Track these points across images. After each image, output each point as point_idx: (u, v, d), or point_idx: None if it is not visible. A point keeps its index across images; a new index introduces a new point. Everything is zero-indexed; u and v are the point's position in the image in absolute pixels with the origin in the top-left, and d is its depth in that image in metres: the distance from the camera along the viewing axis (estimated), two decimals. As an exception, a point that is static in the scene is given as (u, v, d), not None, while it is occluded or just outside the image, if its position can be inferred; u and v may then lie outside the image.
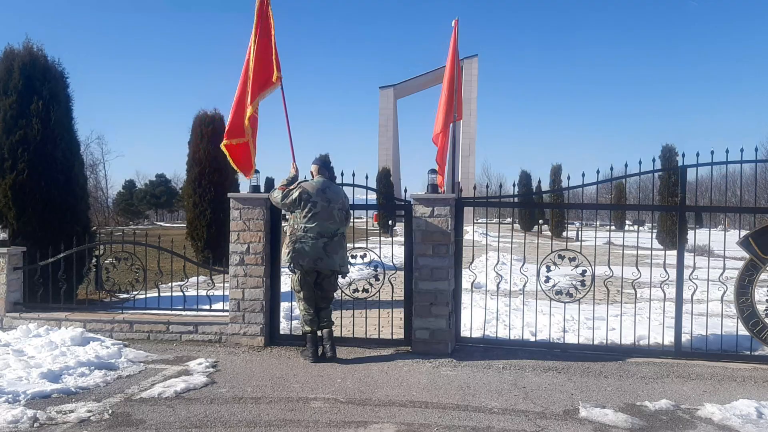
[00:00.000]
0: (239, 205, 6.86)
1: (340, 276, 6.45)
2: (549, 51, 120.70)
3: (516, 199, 7.29)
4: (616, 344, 6.69)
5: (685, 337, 6.57)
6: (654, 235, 25.97)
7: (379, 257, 7.33)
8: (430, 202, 6.49)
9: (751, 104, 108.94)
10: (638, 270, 6.58)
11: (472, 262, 6.73)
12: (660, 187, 23.58)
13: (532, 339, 6.80)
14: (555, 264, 6.54)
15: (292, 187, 6.24)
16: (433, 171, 6.62)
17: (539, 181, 6.93)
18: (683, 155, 6.46)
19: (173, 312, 7.32)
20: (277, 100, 7.07)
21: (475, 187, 6.98)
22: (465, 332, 7.03)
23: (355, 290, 7.00)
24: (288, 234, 6.24)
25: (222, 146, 7.04)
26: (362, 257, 7.14)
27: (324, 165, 6.47)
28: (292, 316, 7.62)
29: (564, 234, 35.43)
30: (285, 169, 7.34)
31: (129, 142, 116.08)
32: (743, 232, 6.43)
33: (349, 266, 6.51)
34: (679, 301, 6.37)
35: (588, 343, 6.67)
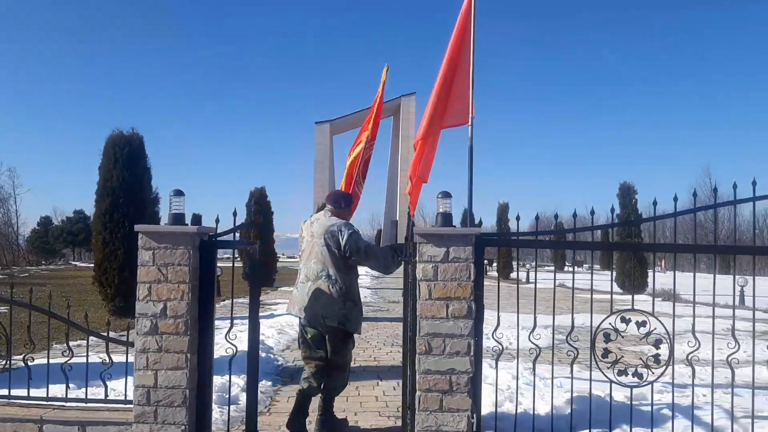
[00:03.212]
0: (152, 243, 4.57)
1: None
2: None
3: (547, 237, 5.28)
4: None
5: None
6: (613, 277, 24.70)
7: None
8: (443, 241, 4.38)
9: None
10: (735, 341, 4.60)
11: (497, 328, 4.56)
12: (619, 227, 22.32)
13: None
14: (617, 331, 4.54)
15: None
16: (446, 195, 4.52)
17: (574, 215, 4.88)
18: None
19: (49, 404, 4.90)
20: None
21: (479, 222, 4.91)
22: None
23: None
24: None
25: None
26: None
27: (329, 197, 5.51)
28: (230, 397, 5.31)
29: (512, 275, 34.00)
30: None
31: (43, 175, 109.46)
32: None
33: (354, 322, 5.17)
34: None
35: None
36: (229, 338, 4.65)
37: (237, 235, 4.77)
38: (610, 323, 4.57)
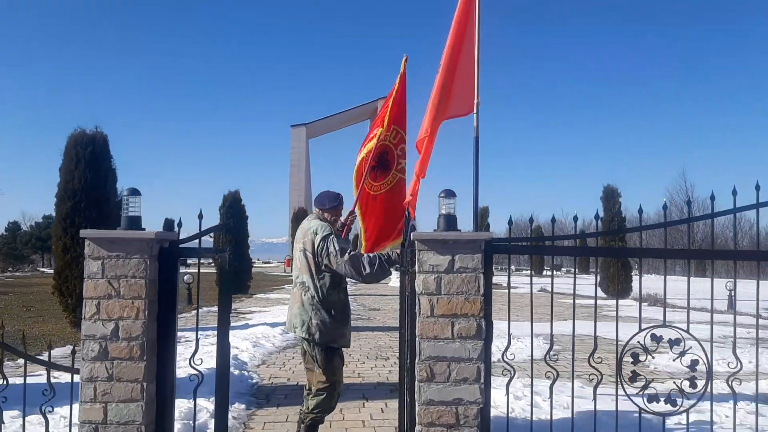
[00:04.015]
0: (102, 251, 3.84)
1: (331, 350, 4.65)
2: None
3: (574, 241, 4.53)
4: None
5: None
6: (597, 281, 24.25)
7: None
8: (447, 247, 3.71)
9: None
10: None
11: (507, 348, 3.90)
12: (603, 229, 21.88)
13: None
14: (646, 350, 3.93)
15: None
16: (449, 193, 3.85)
17: (597, 217, 4.25)
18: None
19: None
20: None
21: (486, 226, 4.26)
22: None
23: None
24: None
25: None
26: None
27: (316, 198, 5.06)
28: (195, 425, 4.56)
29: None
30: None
31: (11, 180, 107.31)
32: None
33: (325, 334, 4.58)
34: None
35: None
36: (194, 363, 3.93)
37: (210, 239, 4.07)
38: (638, 341, 3.94)
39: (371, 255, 4.57)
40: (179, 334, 10.75)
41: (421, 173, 5.19)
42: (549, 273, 42.40)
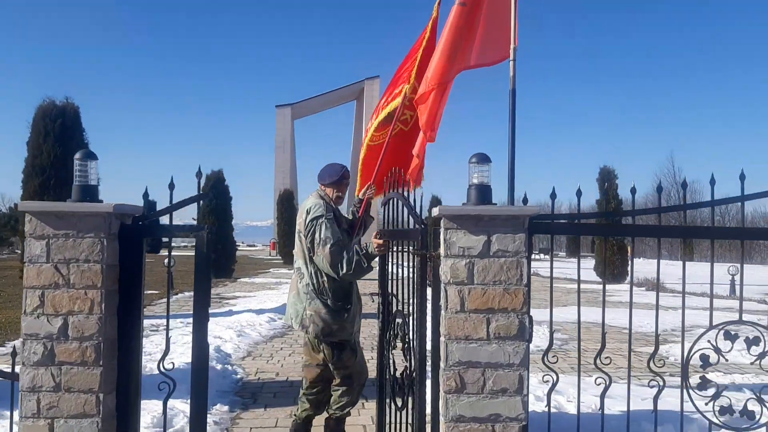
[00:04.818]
0: (46, 229, 3.05)
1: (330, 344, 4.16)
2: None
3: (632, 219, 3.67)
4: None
5: None
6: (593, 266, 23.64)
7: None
8: (482, 225, 2.96)
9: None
10: None
11: (550, 348, 3.17)
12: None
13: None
14: (718, 351, 3.23)
15: None
16: (483, 159, 3.08)
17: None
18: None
19: None
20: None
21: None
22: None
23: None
24: None
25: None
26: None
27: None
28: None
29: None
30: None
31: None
32: None
33: (318, 326, 4.09)
34: None
35: None
36: (164, 368, 3.17)
37: (192, 217, 3.30)
38: (709, 341, 3.24)
39: (351, 252, 3.99)
40: (156, 321, 9.98)
41: (429, 135, 4.32)
42: (558, 257, 41.85)
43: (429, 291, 3.16)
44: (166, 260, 16.38)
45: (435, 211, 3.09)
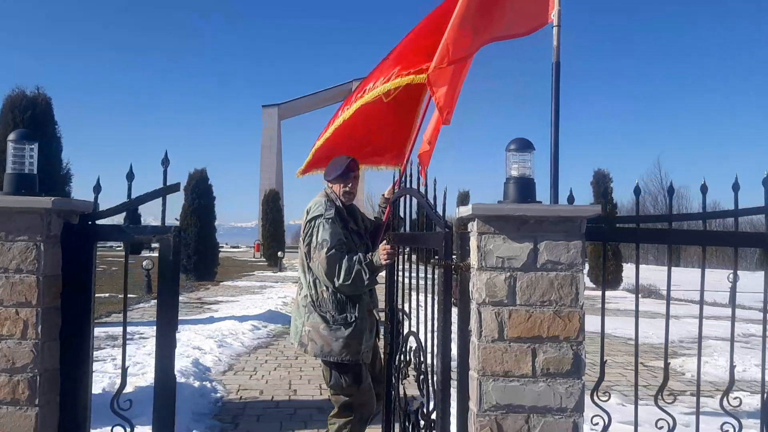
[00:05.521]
0: (-33, 228, 2.37)
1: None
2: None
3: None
4: None
5: None
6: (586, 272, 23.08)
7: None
8: (527, 229, 2.32)
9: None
10: None
11: (600, 384, 2.52)
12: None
13: None
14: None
15: None
16: (525, 145, 2.44)
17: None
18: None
19: None
20: None
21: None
22: None
23: None
24: None
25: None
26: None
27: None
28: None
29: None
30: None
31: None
32: None
33: (318, 344, 3.48)
34: None
35: None
36: (118, 406, 2.50)
37: (167, 215, 2.63)
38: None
39: (352, 260, 3.34)
40: (131, 329, 9.23)
41: (445, 117, 3.60)
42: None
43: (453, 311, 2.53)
44: (144, 262, 15.64)
45: (462, 211, 2.45)
